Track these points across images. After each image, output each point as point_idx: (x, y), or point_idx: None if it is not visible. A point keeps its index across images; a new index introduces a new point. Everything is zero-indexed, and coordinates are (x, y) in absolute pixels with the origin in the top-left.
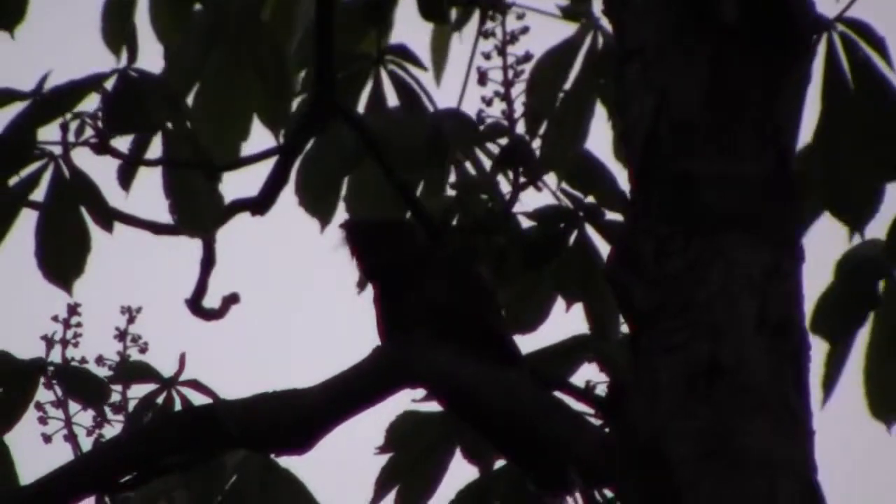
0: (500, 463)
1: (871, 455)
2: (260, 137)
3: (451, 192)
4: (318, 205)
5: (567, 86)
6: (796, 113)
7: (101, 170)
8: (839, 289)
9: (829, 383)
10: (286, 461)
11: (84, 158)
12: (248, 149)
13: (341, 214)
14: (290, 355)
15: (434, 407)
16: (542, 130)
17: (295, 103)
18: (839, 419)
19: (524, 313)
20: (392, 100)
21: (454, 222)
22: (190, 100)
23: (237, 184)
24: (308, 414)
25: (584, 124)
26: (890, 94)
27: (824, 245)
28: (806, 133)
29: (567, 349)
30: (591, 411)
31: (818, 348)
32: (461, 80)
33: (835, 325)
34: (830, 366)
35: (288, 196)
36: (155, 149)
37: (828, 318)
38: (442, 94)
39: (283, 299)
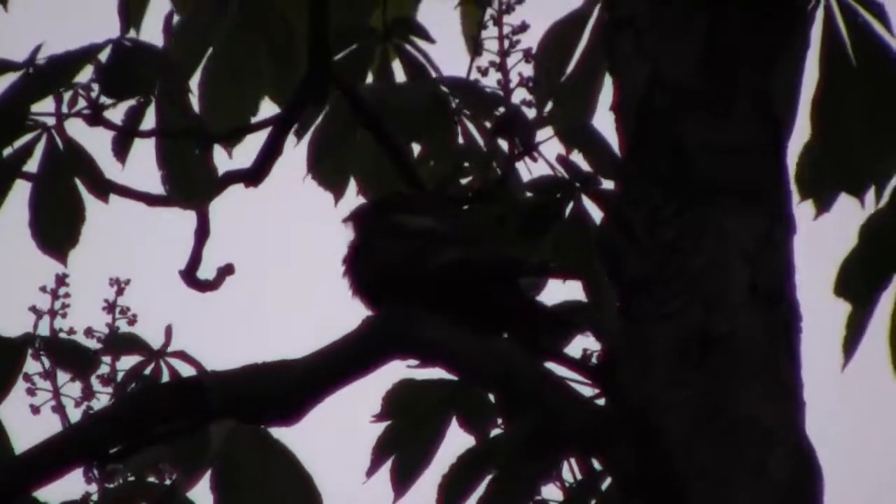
0: (496, 430)
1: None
2: (265, 112)
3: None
4: (329, 179)
5: (575, 58)
6: (793, 81)
7: (93, 142)
8: (863, 252)
9: (850, 346)
10: (278, 432)
11: (78, 131)
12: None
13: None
14: (281, 326)
15: (430, 374)
16: (549, 104)
17: None
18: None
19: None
20: (399, 74)
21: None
22: (197, 75)
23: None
24: (297, 385)
25: (593, 97)
26: (890, 59)
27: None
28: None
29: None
30: (586, 380)
31: (840, 312)
32: (463, 51)
33: (858, 288)
34: (852, 328)
35: (282, 167)
36: (149, 121)
37: (851, 281)
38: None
39: (275, 270)
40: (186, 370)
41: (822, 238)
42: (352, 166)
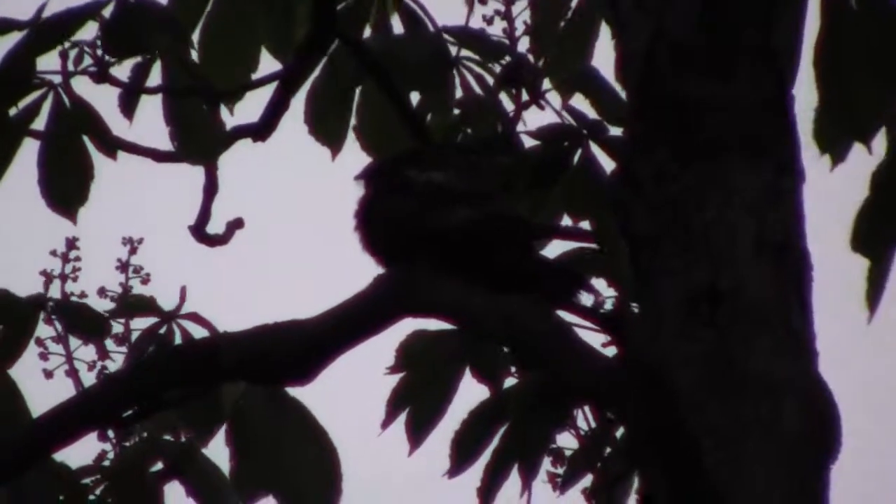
0: (510, 381)
1: None
2: (266, 68)
3: (455, 112)
4: (327, 133)
5: (572, 3)
6: (796, 31)
7: (100, 100)
8: (876, 202)
9: (874, 299)
10: (292, 389)
11: (85, 88)
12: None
13: (352, 142)
14: (293, 283)
15: (443, 326)
16: (546, 49)
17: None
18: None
19: None
20: (398, 27)
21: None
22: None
23: (240, 111)
24: (309, 344)
25: (589, 42)
26: (891, 5)
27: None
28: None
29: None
30: (598, 328)
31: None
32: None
33: (874, 240)
34: (873, 282)
35: (289, 121)
36: (155, 77)
37: (866, 233)
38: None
39: (286, 226)
40: (199, 331)
41: (838, 185)
42: (354, 122)
